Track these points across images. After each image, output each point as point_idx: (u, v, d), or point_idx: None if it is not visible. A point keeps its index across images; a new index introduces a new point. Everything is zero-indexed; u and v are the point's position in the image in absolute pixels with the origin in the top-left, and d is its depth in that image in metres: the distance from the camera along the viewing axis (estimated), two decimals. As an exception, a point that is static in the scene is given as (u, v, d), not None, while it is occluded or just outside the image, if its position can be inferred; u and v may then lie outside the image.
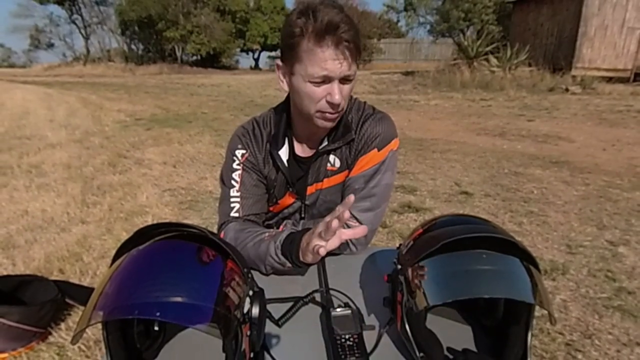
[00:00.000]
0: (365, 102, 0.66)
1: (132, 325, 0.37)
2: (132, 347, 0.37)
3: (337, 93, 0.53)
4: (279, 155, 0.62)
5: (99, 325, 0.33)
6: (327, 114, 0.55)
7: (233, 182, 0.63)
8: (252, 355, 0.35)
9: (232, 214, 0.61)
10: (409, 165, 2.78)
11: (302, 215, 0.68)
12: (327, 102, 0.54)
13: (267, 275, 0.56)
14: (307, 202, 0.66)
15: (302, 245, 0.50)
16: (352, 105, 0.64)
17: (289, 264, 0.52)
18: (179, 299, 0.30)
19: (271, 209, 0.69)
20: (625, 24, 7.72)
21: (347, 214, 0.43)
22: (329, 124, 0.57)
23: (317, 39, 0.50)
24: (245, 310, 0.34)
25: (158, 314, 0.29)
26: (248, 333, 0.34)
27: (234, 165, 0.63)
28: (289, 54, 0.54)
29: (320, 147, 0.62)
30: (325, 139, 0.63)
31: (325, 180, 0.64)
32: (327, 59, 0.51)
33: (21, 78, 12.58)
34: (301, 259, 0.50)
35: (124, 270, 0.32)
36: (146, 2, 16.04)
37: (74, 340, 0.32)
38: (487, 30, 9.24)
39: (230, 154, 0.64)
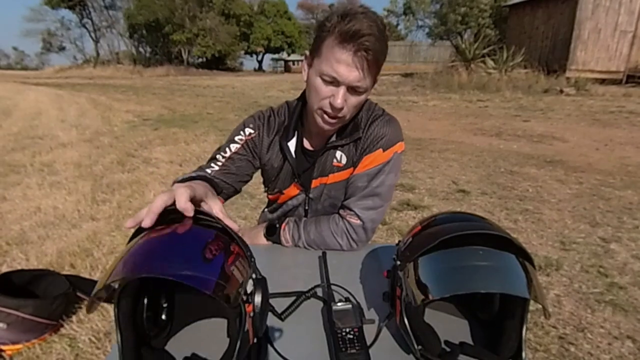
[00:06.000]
0: (376, 104, 0.67)
1: (142, 312, 0.38)
2: (142, 332, 0.38)
3: (339, 97, 0.53)
4: (287, 146, 0.64)
5: (109, 318, 0.34)
6: (326, 115, 0.56)
7: (227, 149, 0.64)
8: (255, 340, 0.36)
9: (207, 169, 0.63)
10: (408, 164, 2.80)
11: (306, 208, 0.69)
12: (330, 103, 0.55)
13: None
14: (311, 196, 0.67)
15: None
16: (363, 104, 0.64)
17: None
18: (188, 272, 0.31)
19: (272, 197, 0.71)
20: (617, 28, 7.84)
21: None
22: (326, 127, 0.58)
23: (340, 40, 0.51)
24: (249, 291, 0.35)
25: (171, 274, 0.30)
26: (251, 314, 0.35)
27: (237, 138, 0.65)
28: (315, 46, 0.56)
29: (328, 142, 0.64)
30: (334, 135, 0.64)
31: (331, 175, 0.65)
32: (341, 62, 0.52)
33: (34, 80, 12.63)
34: None
35: (139, 246, 0.33)
36: (154, 6, 16.27)
37: (90, 310, 0.33)
38: (484, 33, 9.31)
39: (241, 127, 0.66)
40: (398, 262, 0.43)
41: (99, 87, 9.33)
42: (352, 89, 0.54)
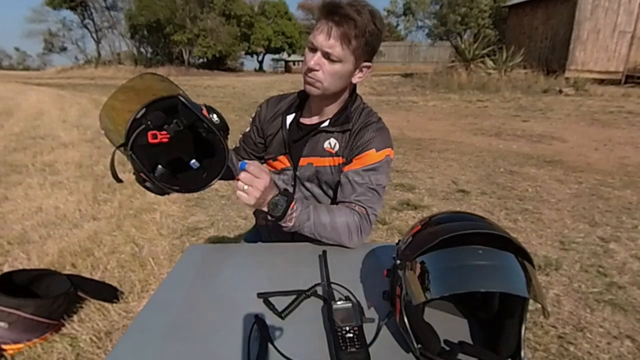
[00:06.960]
0: (375, 112, 0.72)
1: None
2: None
3: (313, 60, 0.62)
4: (285, 119, 0.74)
5: (110, 317, 0.34)
6: (307, 78, 0.64)
7: (245, 131, 0.82)
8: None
9: (238, 143, 0.84)
10: (407, 164, 2.79)
11: (293, 184, 0.73)
12: (307, 66, 0.63)
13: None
14: (298, 173, 0.71)
15: None
16: (364, 107, 0.72)
17: None
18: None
19: (271, 162, 0.77)
20: (616, 28, 7.88)
21: None
22: (307, 87, 0.66)
23: (320, 14, 0.61)
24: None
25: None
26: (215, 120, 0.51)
27: (250, 120, 0.82)
28: None
29: (322, 124, 0.70)
30: (328, 121, 0.70)
31: (321, 158, 0.69)
32: (318, 30, 0.61)
33: (35, 80, 12.68)
34: None
35: None
36: (155, 7, 16.43)
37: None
38: (484, 33, 9.37)
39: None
40: (398, 261, 0.43)
41: (101, 88, 9.37)
42: (326, 55, 0.61)
